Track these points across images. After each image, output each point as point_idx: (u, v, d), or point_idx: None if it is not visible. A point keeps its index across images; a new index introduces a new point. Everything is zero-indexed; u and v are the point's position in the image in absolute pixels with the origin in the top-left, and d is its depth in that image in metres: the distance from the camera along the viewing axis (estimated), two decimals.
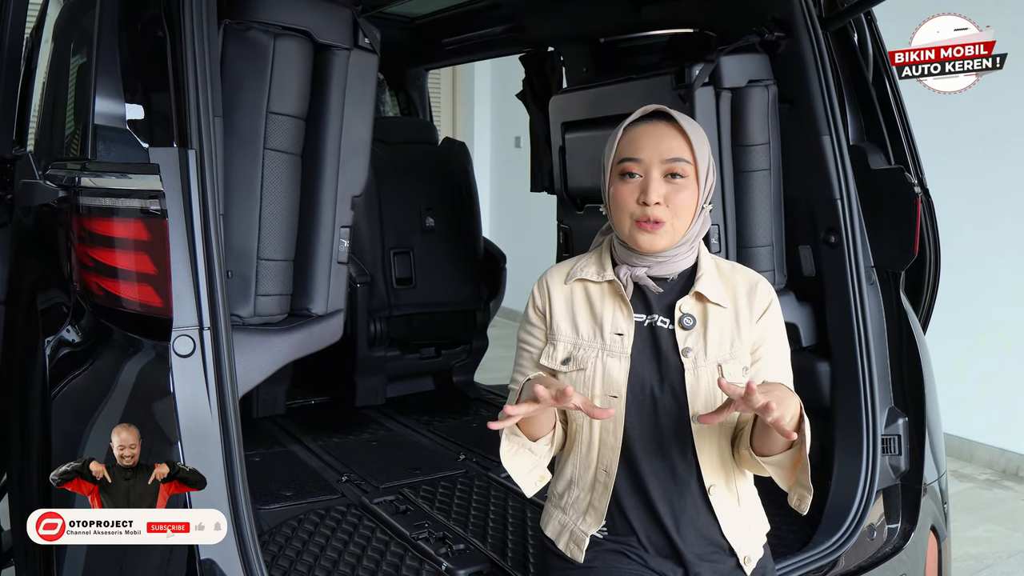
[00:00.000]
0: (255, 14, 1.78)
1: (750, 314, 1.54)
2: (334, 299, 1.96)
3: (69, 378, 1.51)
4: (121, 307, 1.42)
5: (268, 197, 1.81)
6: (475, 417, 3.37)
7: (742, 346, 1.52)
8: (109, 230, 1.40)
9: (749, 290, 1.56)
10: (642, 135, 1.48)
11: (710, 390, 1.49)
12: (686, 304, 1.52)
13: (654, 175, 1.46)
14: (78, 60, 1.84)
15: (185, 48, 1.48)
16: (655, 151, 1.46)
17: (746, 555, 1.57)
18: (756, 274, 1.61)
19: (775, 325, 1.57)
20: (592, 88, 2.85)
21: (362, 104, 1.95)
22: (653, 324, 1.53)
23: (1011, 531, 3.78)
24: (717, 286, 1.54)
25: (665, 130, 1.48)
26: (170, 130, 1.45)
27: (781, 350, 1.58)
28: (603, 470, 1.55)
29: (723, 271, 1.58)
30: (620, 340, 1.52)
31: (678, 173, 1.46)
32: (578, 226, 3.06)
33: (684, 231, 1.49)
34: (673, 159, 1.46)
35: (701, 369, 1.50)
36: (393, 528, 2.25)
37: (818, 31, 2.28)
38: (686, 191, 1.47)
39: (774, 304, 1.57)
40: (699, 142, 1.49)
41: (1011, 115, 4.22)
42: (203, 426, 1.40)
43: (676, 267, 1.54)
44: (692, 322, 1.51)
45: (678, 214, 1.47)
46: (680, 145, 1.47)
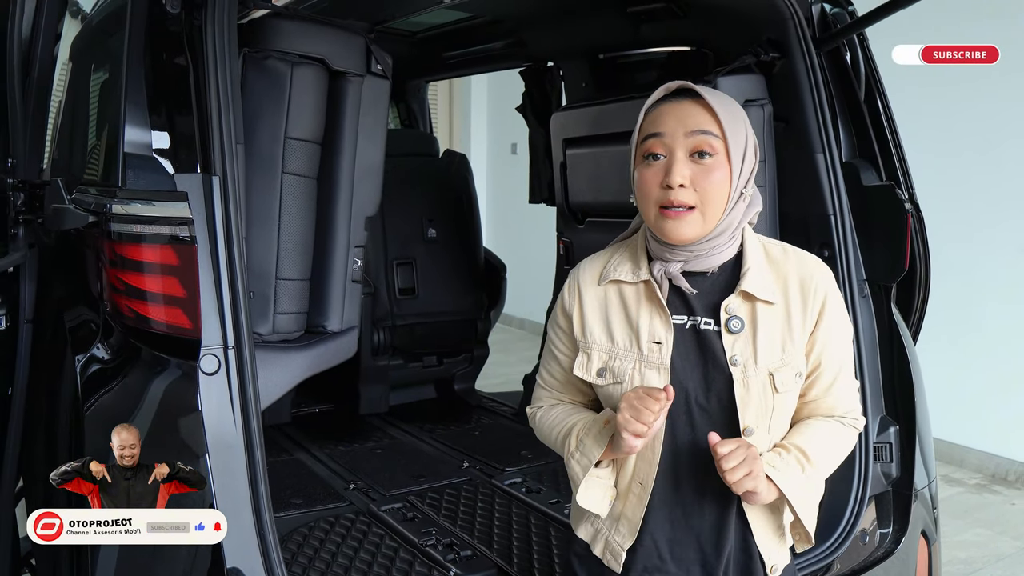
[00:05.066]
0: (273, 43, 1.85)
1: (804, 313, 1.38)
2: (349, 316, 2.02)
3: (100, 393, 1.57)
4: (151, 328, 1.49)
5: (286, 219, 1.88)
6: (476, 425, 3.43)
7: (794, 349, 1.37)
8: (140, 255, 1.46)
9: (802, 284, 1.38)
10: (665, 111, 1.34)
11: (762, 400, 1.35)
12: (732, 304, 1.37)
13: (678, 154, 1.31)
14: (99, 79, 1.91)
15: (208, 76, 1.55)
16: (679, 124, 1.32)
17: (774, 564, 1.48)
18: (811, 260, 1.42)
19: (835, 326, 1.40)
20: (593, 106, 2.92)
21: (375, 128, 2.02)
22: (696, 326, 1.38)
23: (999, 535, 3.83)
24: (766, 280, 1.38)
25: (690, 105, 1.33)
26: (194, 156, 1.52)
27: (841, 357, 1.43)
28: (638, 483, 1.42)
29: (773, 258, 1.41)
30: (658, 349, 1.37)
31: (705, 151, 1.31)
32: (579, 240, 3.13)
33: (717, 218, 1.33)
34: (698, 131, 1.31)
35: (751, 379, 1.35)
36: (402, 535, 2.31)
37: (812, 52, 2.35)
38: (716, 172, 1.31)
39: (830, 298, 1.40)
40: (729, 116, 1.33)
41: (1004, 118, 4.29)
42: (228, 440, 1.47)
43: (716, 259, 1.38)
44: (740, 325, 1.36)
45: (708, 199, 1.31)
46: (706, 118, 1.31)
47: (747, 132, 1.36)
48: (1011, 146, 4.28)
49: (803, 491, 1.38)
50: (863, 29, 2.36)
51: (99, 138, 1.74)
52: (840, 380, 1.44)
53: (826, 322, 1.39)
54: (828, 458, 1.44)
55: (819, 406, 1.45)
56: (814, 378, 1.42)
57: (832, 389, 1.44)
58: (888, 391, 2.29)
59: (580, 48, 3.17)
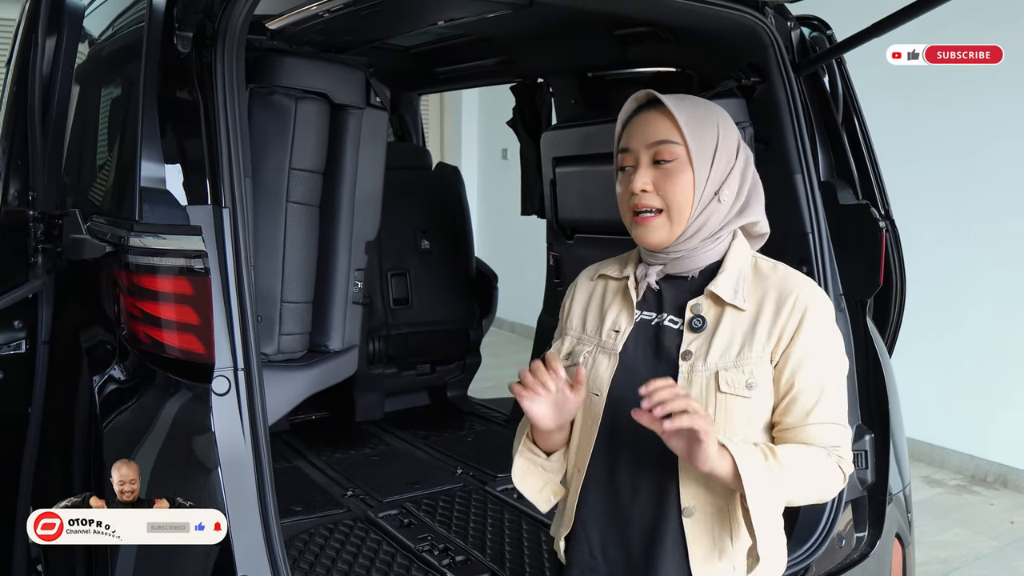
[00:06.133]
0: (278, 79, 1.94)
1: (772, 324, 1.36)
2: (349, 335, 2.12)
3: (117, 412, 1.66)
4: (165, 353, 1.58)
5: (290, 245, 1.97)
6: (469, 431, 3.53)
7: (751, 356, 1.35)
8: (156, 285, 1.55)
9: (779, 298, 1.37)
10: (632, 125, 1.41)
11: (703, 397, 1.34)
12: (698, 304, 1.39)
13: (642, 162, 1.37)
14: (111, 110, 1.99)
15: (217, 112, 1.64)
16: (641, 137, 1.37)
17: None
18: (802, 283, 1.39)
19: (814, 348, 1.35)
20: (580, 126, 3.02)
21: (374, 158, 2.12)
22: (661, 323, 1.42)
23: (978, 535, 3.93)
24: (739, 286, 1.38)
25: (652, 115, 1.38)
26: (205, 189, 1.61)
27: (822, 384, 1.36)
28: (577, 469, 1.45)
29: (760, 271, 1.42)
30: (614, 337, 1.43)
31: (664, 158, 1.35)
32: (568, 254, 3.23)
33: (684, 220, 1.36)
34: (657, 142, 1.36)
35: (697, 374, 1.35)
36: (398, 541, 2.41)
37: (791, 76, 2.44)
38: (677, 176, 1.35)
39: (812, 319, 1.36)
40: (692, 121, 1.36)
41: (984, 124, 4.39)
42: (238, 456, 1.55)
43: (696, 263, 1.41)
44: (701, 323, 1.38)
45: (671, 201, 1.35)
46: (666, 127, 1.36)
47: (718, 136, 1.37)
48: (996, 148, 4.37)
49: (761, 480, 1.26)
50: (840, 55, 2.47)
51: (113, 169, 1.82)
52: (821, 410, 1.35)
53: (802, 341, 1.35)
54: (799, 471, 1.32)
55: (797, 435, 1.36)
56: (788, 401, 1.36)
57: (811, 418, 1.35)
58: (863, 400, 2.37)
59: (569, 66, 3.27)
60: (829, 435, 1.36)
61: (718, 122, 1.40)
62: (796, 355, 1.35)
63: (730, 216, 1.40)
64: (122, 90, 1.85)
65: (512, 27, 2.84)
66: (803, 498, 1.38)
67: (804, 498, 1.38)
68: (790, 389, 1.36)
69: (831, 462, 1.36)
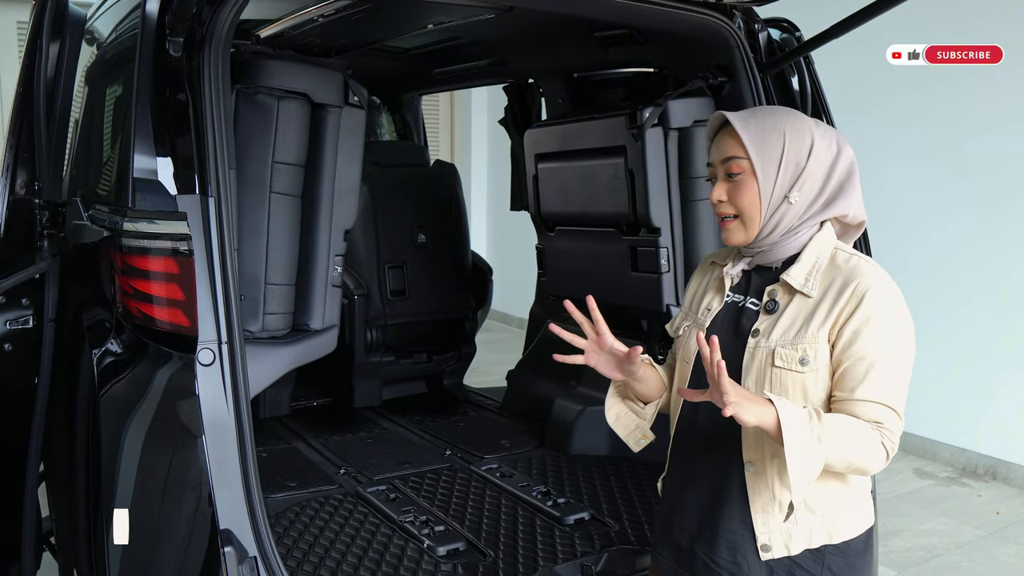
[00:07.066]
0: (262, 80, 2.11)
1: (831, 307, 1.49)
2: (329, 316, 2.28)
3: (113, 381, 1.84)
4: (156, 326, 1.75)
5: (274, 232, 2.14)
6: (462, 417, 3.69)
7: (806, 336, 1.50)
8: (147, 265, 1.72)
9: (843, 285, 1.50)
10: (714, 142, 1.60)
11: (761, 370, 1.52)
12: (774, 290, 1.57)
13: (719, 176, 1.57)
14: (111, 109, 2.17)
15: (205, 110, 1.80)
16: (717, 154, 1.57)
17: (765, 542, 1.54)
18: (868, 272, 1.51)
19: (868, 331, 1.47)
20: (560, 124, 3.17)
21: (352, 152, 2.28)
22: (744, 305, 1.61)
23: (962, 524, 4.01)
24: (812, 275, 1.54)
25: (725, 133, 1.57)
26: (193, 180, 1.77)
27: (871, 361, 1.47)
28: (671, 424, 1.68)
29: (835, 263, 1.55)
30: (706, 315, 1.65)
31: (733, 172, 1.54)
32: (550, 246, 3.38)
33: (757, 223, 1.54)
34: (727, 159, 1.55)
35: (759, 350, 1.53)
36: (383, 513, 2.57)
37: (756, 75, 2.58)
38: (744, 187, 1.53)
39: (871, 304, 1.47)
40: (757, 138, 1.53)
41: (968, 122, 4.47)
42: (221, 421, 1.71)
43: (778, 255, 1.59)
44: (774, 306, 1.55)
45: (741, 209, 1.54)
46: (734, 144, 1.54)
47: (784, 146, 1.53)
48: (975, 145, 4.45)
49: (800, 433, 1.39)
50: (804, 54, 2.59)
51: (111, 162, 2.00)
52: (867, 387, 1.46)
53: (856, 322, 1.47)
54: (840, 435, 1.43)
55: (843, 407, 1.48)
56: (839, 376, 1.49)
57: (857, 393, 1.46)
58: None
59: (556, 67, 3.43)
60: (872, 412, 1.47)
61: (785, 132, 1.54)
62: (848, 334, 1.48)
63: (810, 212, 1.56)
64: (119, 91, 2.02)
65: (500, 30, 3.00)
66: (843, 462, 1.46)
67: (844, 462, 1.46)
68: (840, 365, 1.49)
69: (875, 436, 1.46)
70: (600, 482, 2.82)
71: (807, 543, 1.54)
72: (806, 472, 1.40)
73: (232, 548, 1.65)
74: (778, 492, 1.53)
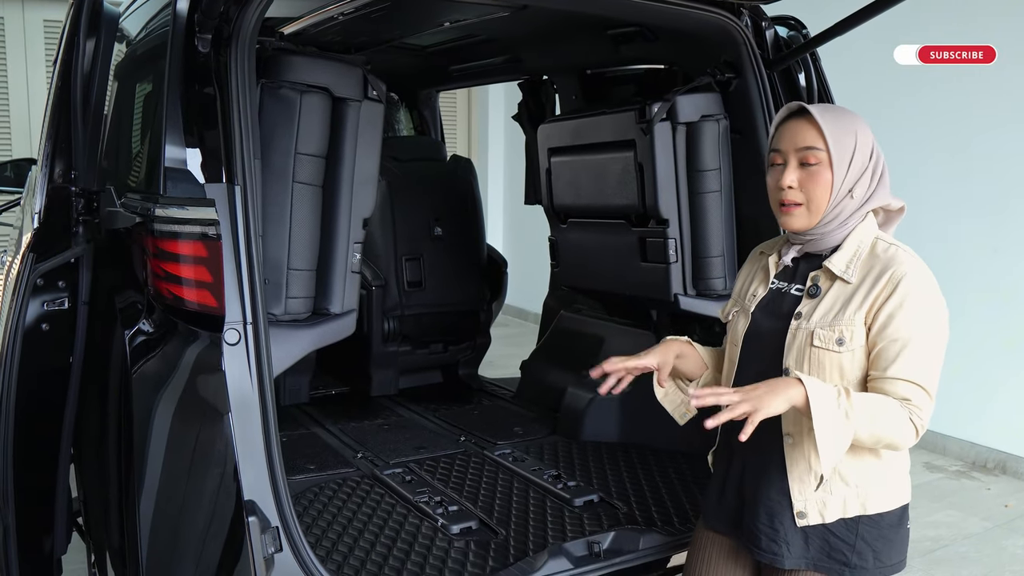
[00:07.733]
0: (285, 75, 2.22)
1: (868, 292, 1.60)
2: (348, 301, 2.38)
3: (145, 359, 1.94)
4: (185, 307, 1.85)
5: (296, 220, 2.24)
6: (476, 405, 3.77)
7: (843, 318, 1.60)
8: (177, 249, 1.83)
9: (881, 271, 1.60)
10: (784, 130, 1.67)
11: (801, 349, 1.63)
12: (817, 276, 1.68)
13: (791, 163, 1.64)
14: (142, 102, 2.28)
15: (231, 103, 1.90)
16: (791, 142, 1.64)
17: (800, 509, 1.65)
18: (905, 260, 1.62)
19: (902, 314, 1.57)
20: (572, 119, 3.26)
21: (371, 144, 2.38)
22: (788, 291, 1.72)
23: (969, 516, 4.04)
24: (852, 263, 1.64)
25: (801, 123, 1.64)
26: (220, 169, 1.87)
27: (904, 341, 1.56)
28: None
29: (875, 251, 1.65)
30: (752, 301, 1.77)
31: (810, 161, 1.62)
32: (563, 238, 3.46)
33: (821, 212, 1.64)
34: (804, 148, 1.62)
35: (800, 331, 1.64)
36: (399, 494, 2.66)
37: (763, 72, 2.65)
38: (819, 177, 1.62)
39: (904, 294, 1.58)
40: (836, 130, 1.62)
41: (973, 121, 4.50)
42: (246, 398, 1.81)
43: (826, 243, 1.68)
44: (816, 291, 1.65)
45: (811, 197, 1.62)
46: (812, 135, 1.62)
47: (856, 142, 1.64)
48: (980, 144, 4.48)
49: (828, 408, 1.48)
50: (809, 51, 2.66)
51: (143, 153, 2.11)
52: (899, 366, 1.56)
53: (891, 305, 1.57)
54: (869, 411, 1.52)
55: (876, 385, 1.58)
56: (874, 356, 1.60)
57: (889, 372, 1.56)
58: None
59: (569, 64, 3.51)
60: (902, 389, 1.56)
61: (856, 131, 1.65)
62: (883, 317, 1.59)
63: (861, 205, 1.67)
64: (150, 85, 2.13)
65: (515, 28, 3.09)
66: (872, 436, 1.54)
67: (873, 437, 1.54)
68: (875, 346, 1.60)
69: (903, 412, 1.55)
70: (610, 467, 2.90)
71: (841, 512, 1.64)
72: (835, 445, 1.49)
73: (256, 518, 1.74)
74: (814, 463, 1.62)
